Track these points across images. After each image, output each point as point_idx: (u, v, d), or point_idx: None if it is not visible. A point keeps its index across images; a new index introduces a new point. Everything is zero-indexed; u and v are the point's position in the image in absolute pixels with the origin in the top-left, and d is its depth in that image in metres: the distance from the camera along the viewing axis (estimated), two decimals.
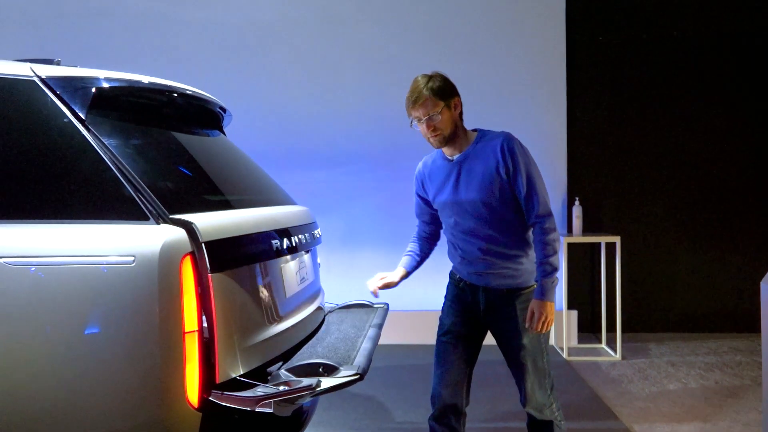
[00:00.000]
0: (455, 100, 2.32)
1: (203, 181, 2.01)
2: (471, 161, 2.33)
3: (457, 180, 2.35)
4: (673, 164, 5.42)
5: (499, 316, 2.36)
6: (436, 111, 2.27)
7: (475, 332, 2.45)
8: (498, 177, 2.27)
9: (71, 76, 1.72)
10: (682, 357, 4.73)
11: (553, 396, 2.39)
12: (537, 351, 2.33)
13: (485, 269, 2.35)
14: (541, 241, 2.26)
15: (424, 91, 2.27)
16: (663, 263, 5.45)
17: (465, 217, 2.35)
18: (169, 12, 5.34)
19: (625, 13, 5.42)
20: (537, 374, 2.34)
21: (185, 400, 1.55)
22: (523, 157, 2.26)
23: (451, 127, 2.31)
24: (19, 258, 1.51)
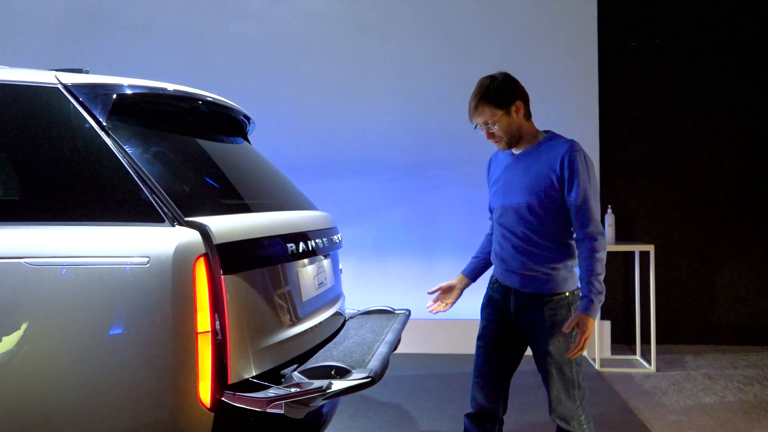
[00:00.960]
0: (516, 104, 2.26)
1: (221, 186, 2.05)
2: (530, 160, 2.30)
3: (512, 175, 2.34)
4: (709, 171, 5.28)
5: (527, 319, 2.33)
6: (493, 120, 2.25)
7: (508, 337, 2.41)
8: (550, 183, 2.23)
9: (93, 84, 1.78)
10: (720, 370, 4.57)
11: (582, 408, 2.32)
12: (565, 359, 2.28)
13: (517, 268, 2.33)
14: (589, 258, 2.19)
15: (481, 99, 2.24)
16: (700, 273, 5.29)
17: (508, 212, 2.34)
18: (204, 26, 5.47)
19: (658, 17, 5.31)
20: (563, 382, 2.29)
21: (198, 400, 1.58)
22: (583, 171, 2.19)
23: (513, 133, 2.29)
24: (39, 258, 1.56)
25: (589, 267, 2.19)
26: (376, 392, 4.09)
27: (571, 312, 2.28)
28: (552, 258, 2.29)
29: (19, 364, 1.53)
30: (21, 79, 1.77)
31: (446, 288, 2.61)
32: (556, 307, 2.28)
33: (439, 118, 5.24)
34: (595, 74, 5.19)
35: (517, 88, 2.29)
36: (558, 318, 2.27)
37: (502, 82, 2.26)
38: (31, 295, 1.55)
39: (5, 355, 1.52)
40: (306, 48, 5.40)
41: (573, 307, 2.29)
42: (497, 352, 2.42)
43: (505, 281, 2.39)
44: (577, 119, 5.19)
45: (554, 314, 2.27)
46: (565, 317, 2.26)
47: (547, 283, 2.30)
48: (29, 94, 1.75)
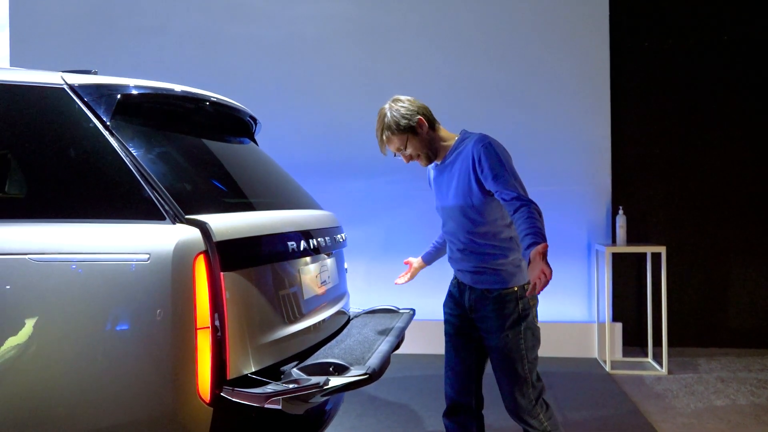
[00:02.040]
0: (418, 122, 2.32)
1: (224, 185, 2.08)
2: (451, 165, 2.37)
3: (440, 183, 2.42)
4: (722, 172, 5.21)
5: (479, 315, 2.37)
6: (404, 144, 2.35)
7: (471, 331, 2.45)
8: (472, 180, 2.26)
9: (98, 84, 1.82)
10: (733, 373, 4.52)
11: (540, 407, 2.32)
12: (515, 356, 2.28)
13: (466, 268, 2.39)
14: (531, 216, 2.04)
15: (384, 130, 2.34)
16: (713, 275, 5.23)
17: (449, 219, 2.40)
18: (215, 28, 5.53)
19: (671, 17, 5.27)
20: (515, 379, 2.29)
21: (197, 395, 1.60)
22: (491, 157, 2.20)
23: (427, 146, 2.37)
24: (42, 255, 1.59)
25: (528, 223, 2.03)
26: (384, 392, 4.10)
27: (519, 306, 2.29)
28: (496, 255, 2.32)
29: (22, 358, 1.57)
30: (28, 79, 1.81)
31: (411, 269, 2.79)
32: (504, 301, 2.30)
33: (449, 119, 5.22)
34: (607, 75, 5.16)
35: (413, 107, 2.34)
36: (506, 312, 2.29)
37: (399, 109, 2.32)
38: (35, 291, 1.58)
39: (9, 349, 1.56)
40: (316, 50, 5.43)
41: (521, 302, 2.30)
42: (462, 346, 2.46)
43: (461, 279, 2.46)
44: (588, 120, 5.16)
45: (502, 308, 2.30)
46: (512, 311, 2.29)
47: (495, 278, 2.32)
48: (36, 95, 1.79)
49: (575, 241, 5.15)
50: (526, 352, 2.29)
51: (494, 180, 2.19)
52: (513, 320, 2.28)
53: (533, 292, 1.92)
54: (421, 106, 2.38)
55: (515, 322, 2.28)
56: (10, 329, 1.57)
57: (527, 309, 2.31)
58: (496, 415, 3.11)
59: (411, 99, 2.39)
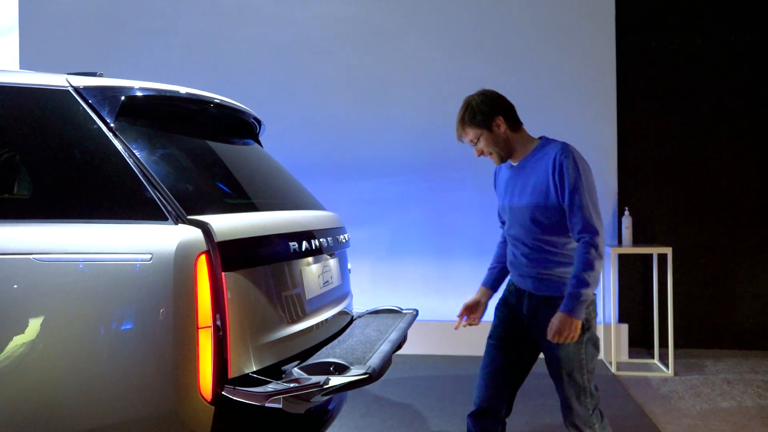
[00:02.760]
0: (496, 120, 2.31)
1: (227, 185, 2.10)
2: (528, 170, 2.33)
3: (513, 185, 2.38)
4: (728, 173, 5.19)
5: (539, 322, 2.32)
6: (476, 138, 2.33)
7: (519, 339, 2.41)
8: (548, 190, 2.25)
9: (102, 86, 1.84)
10: (739, 374, 4.50)
11: (596, 417, 2.31)
12: (575, 365, 2.27)
13: (529, 274, 2.35)
14: (582, 257, 2.18)
15: (461, 121, 2.35)
16: (719, 275, 5.21)
17: (516, 222, 2.37)
18: (223, 30, 5.57)
19: (678, 17, 5.25)
20: (574, 388, 2.28)
21: (199, 394, 1.62)
22: (572, 173, 2.20)
23: (501, 146, 2.34)
24: (46, 255, 1.62)
25: (578, 264, 2.18)
26: (388, 392, 4.11)
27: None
28: (562, 262, 2.30)
29: (26, 356, 1.59)
30: (34, 82, 1.84)
31: (471, 305, 2.60)
32: None
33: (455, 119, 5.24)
34: (614, 75, 5.15)
35: (495, 104, 2.33)
36: None
37: (479, 102, 2.32)
38: (39, 290, 1.61)
39: (14, 347, 1.58)
40: (322, 51, 5.45)
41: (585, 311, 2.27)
42: (506, 352, 2.42)
43: (520, 284, 2.41)
44: (594, 120, 5.16)
45: None
46: None
47: (559, 285, 2.29)
48: (41, 97, 1.81)
49: None
50: (587, 362, 2.28)
51: (570, 197, 2.20)
52: None
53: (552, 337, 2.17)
54: (505, 105, 2.36)
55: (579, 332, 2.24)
56: (15, 328, 1.59)
57: (590, 319, 2.28)
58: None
59: (497, 95, 2.37)
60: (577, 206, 2.19)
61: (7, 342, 1.58)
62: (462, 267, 5.24)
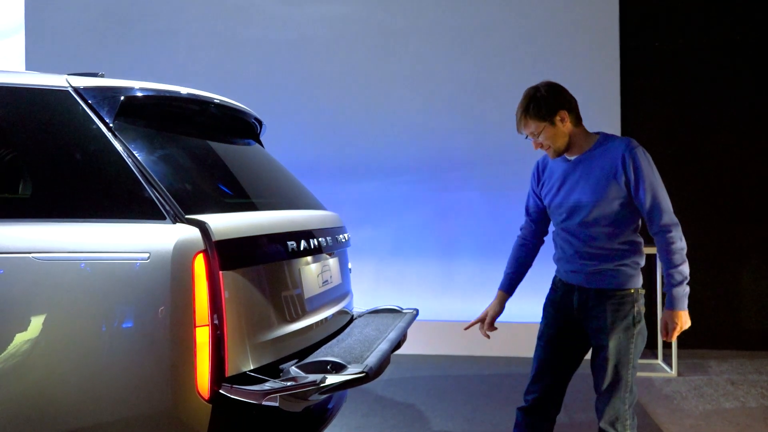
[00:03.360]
0: (560, 114, 2.26)
1: (226, 185, 2.11)
2: (589, 163, 2.28)
3: (571, 179, 2.32)
4: (733, 173, 5.17)
5: (589, 314, 2.30)
6: (538, 131, 2.27)
7: (569, 337, 2.39)
8: (615, 183, 2.21)
9: (101, 86, 1.85)
10: (743, 375, 4.48)
11: (630, 412, 2.28)
12: (623, 358, 2.24)
13: (582, 268, 2.31)
14: (667, 251, 2.21)
15: (524, 112, 2.28)
16: (724, 276, 5.18)
17: (570, 216, 2.32)
18: (227, 31, 5.59)
19: (682, 16, 5.23)
20: (617, 381, 2.25)
21: (196, 392, 1.63)
22: (646, 168, 2.20)
23: (561, 141, 2.29)
24: (46, 254, 1.63)
25: (667, 259, 2.22)
26: (390, 392, 4.11)
27: (634, 309, 2.26)
28: (618, 256, 2.27)
29: (24, 354, 1.60)
30: (34, 82, 1.85)
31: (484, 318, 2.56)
32: (620, 302, 2.26)
33: (460, 120, 5.26)
34: (617, 74, 5.14)
35: (560, 97, 2.29)
36: (621, 314, 2.25)
37: (544, 94, 2.28)
38: (38, 288, 1.62)
39: (12, 345, 1.60)
40: (326, 51, 5.46)
41: (636, 304, 2.27)
42: (556, 351, 2.40)
43: (569, 280, 2.38)
44: (598, 120, 5.10)
45: (617, 309, 2.25)
46: (628, 313, 2.25)
47: (613, 278, 2.27)
48: (42, 97, 1.83)
49: None
50: (634, 357, 2.27)
51: (647, 191, 2.20)
52: (627, 323, 2.25)
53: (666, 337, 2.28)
54: (570, 99, 2.33)
55: (630, 324, 2.25)
56: (14, 326, 1.60)
57: (641, 313, 2.28)
58: None
59: (562, 88, 2.35)
60: (656, 200, 2.21)
61: (5, 340, 1.59)
62: (465, 267, 5.24)
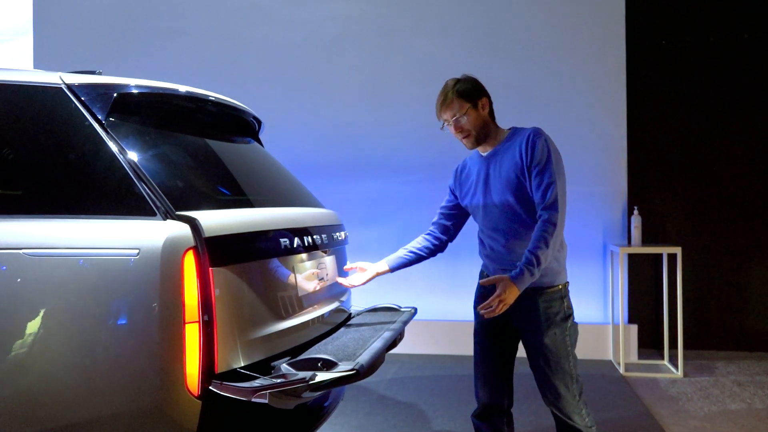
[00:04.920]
0: (482, 100, 2.33)
1: (220, 182, 2.10)
2: (500, 157, 2.32)
3: (486, 174, 2.36)
4: (740, 172, 5.11)
5: (522, 314, 2.32)
6: (462, 112, 2.30)
7: (503, 330, 2.41)
8: (521, 172, 2.25)
9: (94, 83, 1.85)
10: (750, 377, 4.42)
11: (582, 402, 2.32)
12: (561, 352, 2.28)
13: (510, 266, 2.30)
14: (540, 232, 2.15)
15: (450, 93, 2.32)
16: (731, 276, 5.12)
17: (492, 213, 2.35)
18: (231, 31, 5.60)
19: (690, 14, 5.18)
20: (562, 375, 2.28)
21: (185, 388, 1.62)
22: (543, 148, 2.21)
23: (480, 127, 2.33)
24: (36, 249, 1.64)
25: (536, 239, 2.16)
26: (393, 391, 4.10)
27: (564, 303, 2.31)
28: None
29: (13, 350, 1.61)
30: (28, 79, 1.86)
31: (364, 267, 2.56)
32: (550, 299, 2.29)
33: None
34: (624, 73, 5.09)
35: (482, 87, 2.36)
36: (552, 310, 2.29)
37: (469, 80, 2.35)
38: (28, 284, 1.62)
39: (2, 341, 1.60)
40: (332, 51, 5.46)
41: (565, 299, 2.32)
42: (495, 348, 2.43)
43: None
44: (605, 119, 5.11)
45: (548, 306, 2.29)
46: (559, 309, 2.29)
47: (541, 277, 2.27)
48: (35, 94, 1.84)
49: (590, 242, 5.09)
50: (571, 348, 2.31)
51: (539, 171, 2.20)
52: (560, 317, 2.29)
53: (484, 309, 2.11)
54: (488, 94, 2.38)
55: (563, 319, 2.30)
56: (3, 322, 1.61)
57: (570, 307, 2.34)
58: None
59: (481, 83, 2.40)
60: (546, 182, 2.19)
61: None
62: (468, 267, 5.19)
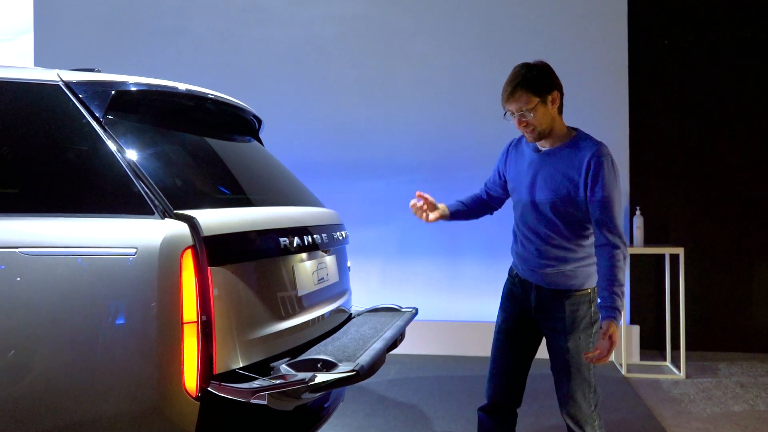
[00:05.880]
0: (553, 94, 2.17)
1: (219, 181, 2.09)
2: (556, 159, 2.22)
3: (535, 173, 2.26)
4: (742, 172, 5.08)
5: (548, 315, 2.29)
6: (529, 107, 2.14)
7: (526, 331, 2.38)
8: (575, 185, 2.16)
9: (92, 81, 1.84)
10: (753, 378, 4.40)
11: (596, 413, 2.26)
12: (582, 358, 2.21)
13: (540, 267, 2.28)
14: (613, 266, 2.10)
15: (519, 84, 2.14)
16: (734, 276, 5.10)
17: (531, 212, 2.28)
18: (233, 30, 5.58)
19: (692, 13, 5.15)
20: (580, 382, 2.23)
21: (183, 389, 1.60)
22: (608, 176, 2.11)
23: (547, 123, 2.18)
24: (32, 248, 1.62)
25: (611, 276, 2.10)
26: (394, 393, 4.08)
27: (591, 308, 2.24)
28: (575, 257, 2.25)
29: (9, 350, 1.59)
30: (25, 77, 1.84)
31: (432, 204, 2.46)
32: (578, 302, 2.24)
33: (466, 119, 5.22)
34: (626, 73, 5.07)
35: (555, 78, 2.20)
36: (579, 314, 2.23)
37: (541, 70, 2.18)
38: (24, 284, 1.60)
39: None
40: (332, 51, 5.44)
41: (593, 304, 2.25)
42: (515, 346, 2.39)
43: (528, 277, 2.35)
44: (606, 118, 5.08)
45: (576, 310, 2.24)
46: (585, 313, 2.23)
47: (570, 279, 2.25)
48: (32, 92, 1.82)
49: None
50: None
51: (602, 201, 2.11)
52: (586, 323, 2.23)
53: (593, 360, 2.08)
54: (561, 85, 2.22)
55: (588, 324, 2.24)
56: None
57: (598, 312, 2.22)
58: None
59: (555, 73, 2.24)
60: (608, 211, 2.11)
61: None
62: (471, 267, 5.20)
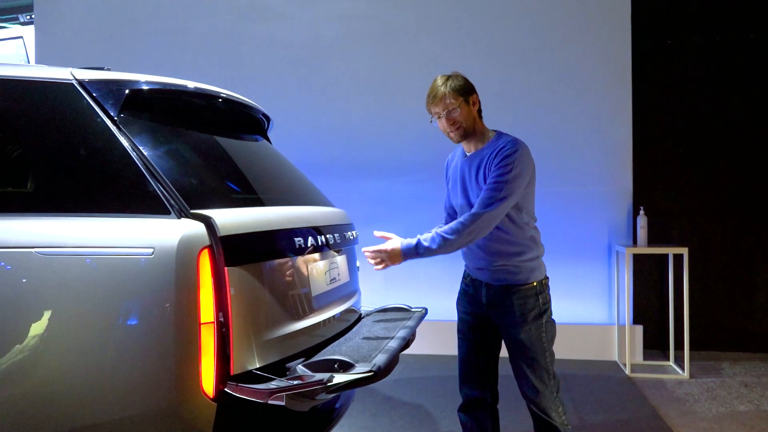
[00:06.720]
0: (473, 97, 2.37)
1: (232, 180, 2.07)
2: (480, 159, 2.36)
3: (464, 175, 2.41)
4: (746, 172, 5.08)
5: (499, 310, 2.39)
6: (454, 106, 2.32)
7: (484, 327, 2.48)
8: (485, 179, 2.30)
9: (106, 80, 1.82)
10: (757, 378, 4.40)
11: (559, 400, 2.37)
12: (537, 347, 2.34)
13: (486, 265, 2.39)
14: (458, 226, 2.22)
15: (443, 88, 2.34)
16: (737, 276, 5.10)
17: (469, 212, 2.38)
18: (236, 29, 5.57)
19: (695, 13, 5.16)
20: (539, 370, 2.34)
21: (200, 390, 1.59)
22: (509, 160, 2.23)
23: (470, 122, 2.35)
24: (48, 248, 1.60)
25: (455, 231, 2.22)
26: (399, 392, 4.07)
27: (539, 300, 2.35)
28: (517, 251, 2.35)
29: (26, 351, 1.57)
30: (39, 75, 1.83)
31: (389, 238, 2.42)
32: (525, 296, 2.35)
33: None
34: (629, 73, 5.07)
35: (471, 85, 2.39)
36: (527, 306, 2.34)
37: (460, 76, 2.37)
38: (40, 284, 1.59)
39: (13, 341, 1.57)
40: (335, 50, 5.43)
41: (540, 296, 2.36)
42: (476, 343, 2.50)
43: (477, 276, 2.46)
44: (610, 119, 5.08)
45: (523, 303, 2.34)
46: (534, 305, 2.34)
47: (516, 275, 2.35)
48: (46, 90, 1.80)
49: (595, 242, 5.07)
50: (548, 345, 2.36)
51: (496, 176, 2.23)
52: (535, 314, 2.34)
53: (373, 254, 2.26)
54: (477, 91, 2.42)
55: (537, 315, 2.34)
56: (16, 322, 1.58)
57: (547, 303, 2.38)
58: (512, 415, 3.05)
59: None
60: (493, 186, 2.22)
61: (6, 336, 1.57)
62: None
